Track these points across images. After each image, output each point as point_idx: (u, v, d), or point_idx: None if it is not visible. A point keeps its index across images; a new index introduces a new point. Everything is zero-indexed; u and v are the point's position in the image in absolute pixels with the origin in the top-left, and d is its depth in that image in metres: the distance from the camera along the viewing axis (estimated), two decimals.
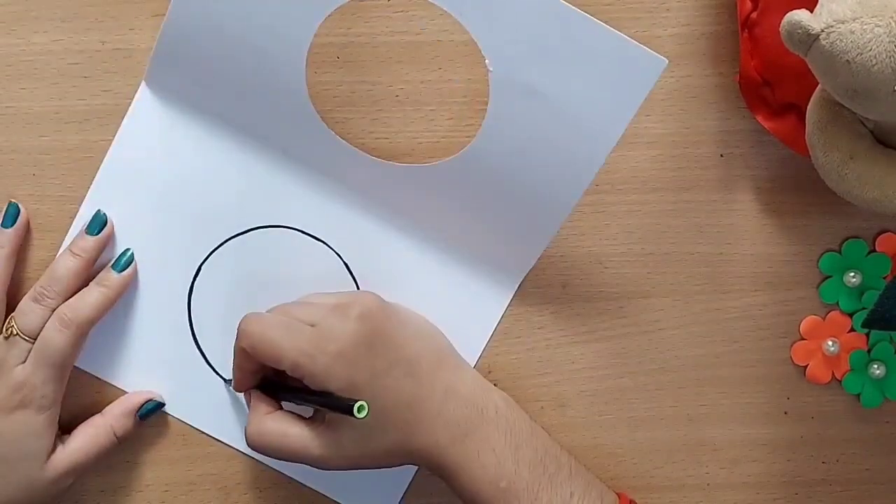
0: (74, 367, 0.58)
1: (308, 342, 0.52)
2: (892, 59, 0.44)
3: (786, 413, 0.62)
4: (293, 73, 0.55)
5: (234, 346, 0.55)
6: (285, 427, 0.54)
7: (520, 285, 0.60)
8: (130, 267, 0.58)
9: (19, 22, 0.58)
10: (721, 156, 0.60)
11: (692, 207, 0.60)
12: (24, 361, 0.55)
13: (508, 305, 0.60)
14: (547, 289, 0.61)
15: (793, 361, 0.61)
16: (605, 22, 0.58)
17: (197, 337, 0.60)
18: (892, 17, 0.44)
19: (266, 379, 0.56)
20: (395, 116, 0.59)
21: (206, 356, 0.60)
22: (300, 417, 0.54)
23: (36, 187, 0.59)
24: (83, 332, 0.56)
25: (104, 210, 0.58)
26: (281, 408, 0.55)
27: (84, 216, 0.59)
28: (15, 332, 0.55)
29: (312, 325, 0.53)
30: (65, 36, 0.58)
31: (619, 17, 0.59)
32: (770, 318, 0.61)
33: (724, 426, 0.62)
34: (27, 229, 0.59)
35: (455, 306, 0.59)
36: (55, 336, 0.55)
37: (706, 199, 0.60)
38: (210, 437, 0.61)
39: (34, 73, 0.58)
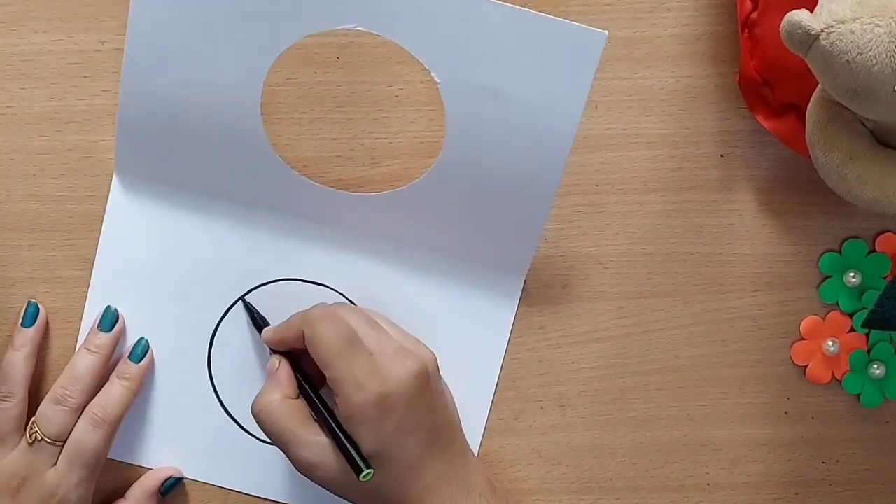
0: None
1: (361, 370, 0.52)
2: (892, 59, 0.44)
3: (786, 413, 0.62)
4: (251, 128, 0.56)
5: (297, 314, 0.56)
6: (295, 421, 0.54)
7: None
8: (147, 356, 0.59)
9: (19, 22, 0.58)
10: (721, 156, 0.60)
11: (692, 207, 0.60)
12: (55, 464, 0.55)
13: (505, 356, 0.61)
14: (547, 289, 0.61)
15: (793, 361, 0.61)
16: (605, 22, 0.58)
17: (224, 404, 0.60)
18: (892, 18, 0.44)
19: (295, 355, 0.56)
20: (394, 116, 0.59)
21: (237, 420, 0.60)
22: (310, 417, 0.55)
23: (36, 187, 0.59)
24: (115, 429, 0.57)
25: (111, 302, 0.59)
26: (298, 396, 0.55)
27: (91, 313, 0.59)
28: (40, 438, 0.55)
29: (371, 353, 0.53)
30: (64, 36, 0.58)
31: (619, 17, 0.59)
32: (770, 318, 0.61)
33: (724, 426, 0.62)
34: (46, 327, 0.59)
35: (465, 321, 0.60)
36: (89, 436, 0.56)
37: (706, 199, 0.60)
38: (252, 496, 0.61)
39: (34, 73, 0.58)
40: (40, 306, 0.59)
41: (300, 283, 0.60)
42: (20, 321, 0.58)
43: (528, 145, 0.54)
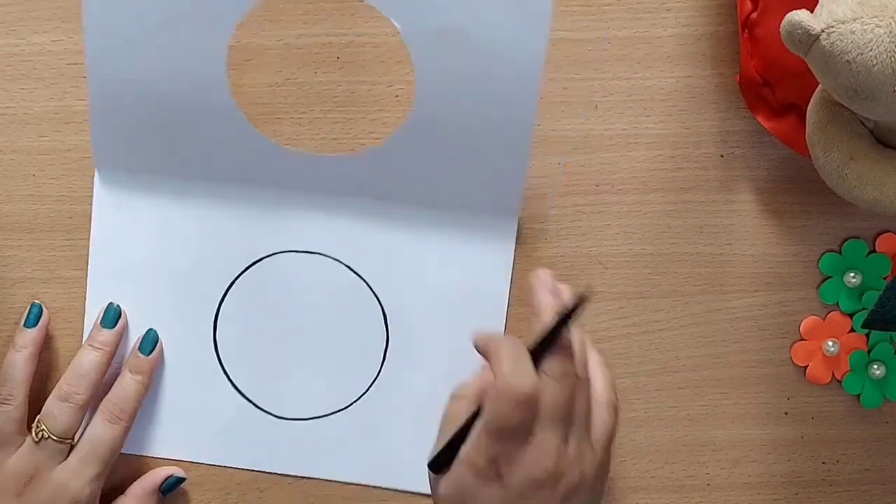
0: None
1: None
2: (892, 59, 0.44)
3: (786, 413, 0.62)
4: (221, 102, 0.56)
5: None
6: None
7: (520, 287, 0.60)
8: (157, 346, 0.59)
9: (19, 22, 0.58)
10: (721, 156, 0.60)
11: (692, 207, 0.60)
12: (63, 461, 0.56)
13: (510, 306, 0.60)
14: None
15: (793, 362, 0.61)
16: (605, 22, 0.58)
17: (235, 384, 0.60)
18: (892, 18, 0.44)
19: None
20: (395, 116, 0.59)
21: (250, 398, 0.60)
22: None
23: (35, 188, 0.59)
24: (131, 424, 0.57)
25: (110, 298, 0.59)
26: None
27: (91, 312, 0.59)
28: (46, 436, 0.55)
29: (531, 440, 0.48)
30: (64, 36, 0.58)
31: (620, 17, 0.59)
32: (770, 319, 0.61)
33: (724, 426, 0.62)
34: (47, 330, 0.59)
35: (464, 270, 0.59)
36: (106, 432, 0.56)
37: (706, 199, 0.60)
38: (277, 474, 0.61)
39: (34, 74, 0.58)
40: (43, 307, 0.59)
41: (295, 254, 0.59)
42: (23, 321, 0.58)
43: (498, 83, 0.54)
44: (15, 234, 0.59)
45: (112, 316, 0.58)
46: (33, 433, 0.56)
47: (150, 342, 0.59)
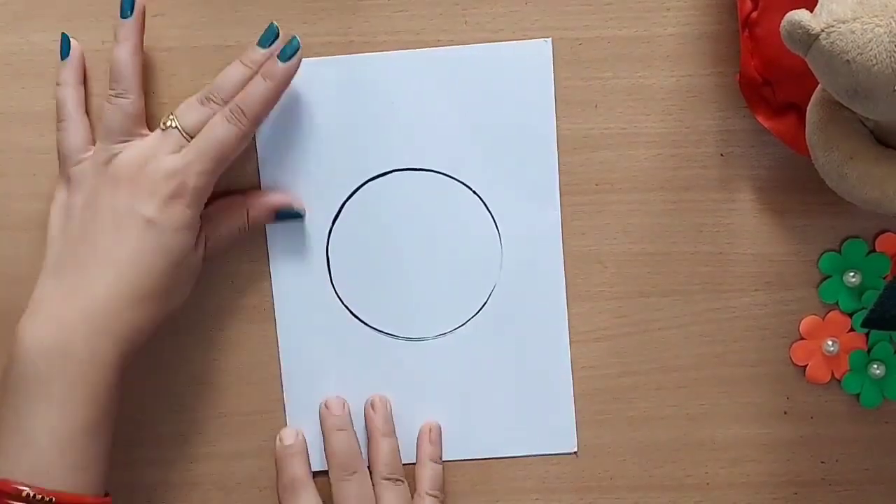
0: None
1: None
2: (892, 58, 0.44)
3: (786, 413, 0.62)
4: None
5: None
6: None
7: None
8: (297, 55, 0.56)
9: (19, 21, 0.58)
10: (721, 155, 0.60)
11: (692, 207, 0.60)
12: (178, 152, 0.55)
13: None
14: None
15: (792, 361, 0.61)
16: (605, 22, 0.58)
17: (349, 306, 0.61)
18: (892, 17, 0.44)
19: None
20: None
21: (367, 321, 0.61)
22: None
23: (36, 187, 0.59)
24: (250, 129, 0.56)
25: None
26: None
27: None
28: (174, 126, 0.55)
29: None
30: None
31: (620, 16, 0.59)
32: (770, 318, 0.61)
33: (724, 426, 0.62)
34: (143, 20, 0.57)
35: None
36: (220, 128, 0.55)
37: (706, 198, 0.60)
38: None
39: (34, 73, 0.59)
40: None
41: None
42: (120, 13, 0.56)
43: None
44: (15, 233, 0.60)
45: (271, 35, 0.56)
46: (161, 122, 0.56)
47: (291, 49, 0.56)
